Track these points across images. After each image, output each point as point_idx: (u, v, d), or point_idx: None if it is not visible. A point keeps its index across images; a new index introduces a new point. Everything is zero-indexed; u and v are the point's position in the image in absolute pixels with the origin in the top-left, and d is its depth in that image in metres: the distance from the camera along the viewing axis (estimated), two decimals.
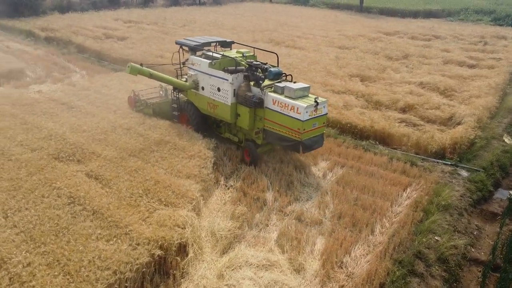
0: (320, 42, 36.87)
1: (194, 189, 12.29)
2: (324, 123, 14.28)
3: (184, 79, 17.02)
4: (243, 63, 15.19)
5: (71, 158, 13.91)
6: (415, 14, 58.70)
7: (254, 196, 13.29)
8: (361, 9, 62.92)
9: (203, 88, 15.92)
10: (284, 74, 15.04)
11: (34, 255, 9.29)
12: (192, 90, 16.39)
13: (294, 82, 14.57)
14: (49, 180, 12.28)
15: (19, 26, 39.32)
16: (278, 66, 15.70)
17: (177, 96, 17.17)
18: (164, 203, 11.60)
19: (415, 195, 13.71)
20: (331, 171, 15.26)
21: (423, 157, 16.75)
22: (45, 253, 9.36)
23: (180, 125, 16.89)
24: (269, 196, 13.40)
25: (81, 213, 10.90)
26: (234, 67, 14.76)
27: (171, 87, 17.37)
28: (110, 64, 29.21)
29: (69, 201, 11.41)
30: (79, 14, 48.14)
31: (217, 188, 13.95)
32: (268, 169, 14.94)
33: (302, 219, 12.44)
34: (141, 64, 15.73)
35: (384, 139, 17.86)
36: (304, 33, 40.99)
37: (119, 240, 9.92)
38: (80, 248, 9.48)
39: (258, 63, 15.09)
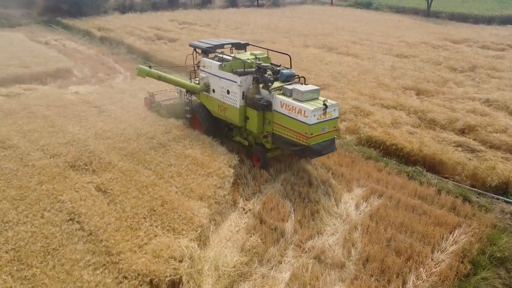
0: (377, 49, 34.34)
1: (203, 214, 11.10)
2: (335, 127, 13.55)
3: (197, 81, 16.76)
4: (254, 65, 14.57)
5: (86, 167, 13.36)
6: (489, 20, 53.49)
7: (271, 225, 11.82)
8: (428, 14, 58.57)
9: (213, 91, 15.59)
10: (296, 76, 14.42)
11: (15, 279, 8.61)
12: (204, 92, 16.05)
13: (306, 84, 13.88)
14: (56, 192, 11.75)
15: (79, 25, 40.83)
16: (291, 68, 15.09)
17: (190, 98, 16.96)
18: (167, 228, 10.53)
19: (463, 240, 11.46)
20: (365, 201, 13.37)
21: (479, 191, 14.28)
22: (27, 278, 8.64)
23: (206, 137, 15.84)
24: (289, 226, 11.87)
25: (76, 233, 10.15)
26: (242, 69, 14.34)
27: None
28: (155, 66, 28.94)
29: (69, 217, 10.75)
30: (137, 15, 49.27)
31: (234, 211, 12.66)
32: (294, 193, 13.39)
33: (322, 259, 10.76)
34: (149, 66, 15.36)
35: (434, 166, 15.54)
36: (361, 39, 38.56)
37: (106, 270, 9.00)
38: (62, 277, 8.64)
39: (266, 65, 14.42)
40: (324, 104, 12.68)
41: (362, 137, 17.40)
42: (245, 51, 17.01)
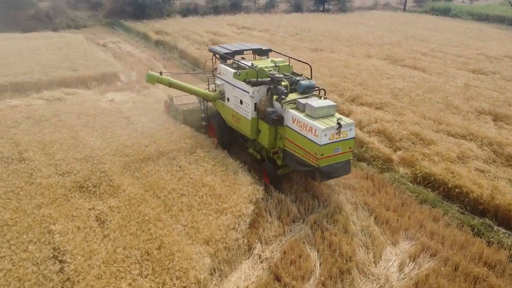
0: (450, 62, 30.38)
1: (202, 266, 9.23)
2: (350, 148, 12.21)
3: (211, 89, 16.09)
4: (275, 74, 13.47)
5: (94, 189, 12.15)
6: None
7: (288, 285, 9.67)
8: None
9: (228, 99, 14.74)
10: (316, 88, 13.29)
11: None
12: (220, 100, 15.25)
13: (324, 99, 12.75)
14: (51, 219, 10.61)
15: (139, 28, 41.16)
16: (311, 78, 14.02)
17: (206, 105, 16.20)
18: (157, 280, 8.80)
19: None
20: (413, 261, 10.69)
21: None
22: None
23: (232, 161, 14.03)
24: None
25: (53, 277, 8.77)
26: (256, 79, 13.34)
27: None
28: (204, 73, 27.80)
29: (52, 254, 9.47)
30: (198, 18, 48.96)
31: (248, 258, 10.66)
32: (323, 242, 11.10)
33: None
34: (160, 73, 14.59)
35: (509, 220, 12.36)
36: (432, 50, 34.60)
37: None
38: None
39: (280, 76, 13.23)
40: (338, 123, 11.46)
41: (418, 173, 14.52)
42: (267, 57, 15.95)
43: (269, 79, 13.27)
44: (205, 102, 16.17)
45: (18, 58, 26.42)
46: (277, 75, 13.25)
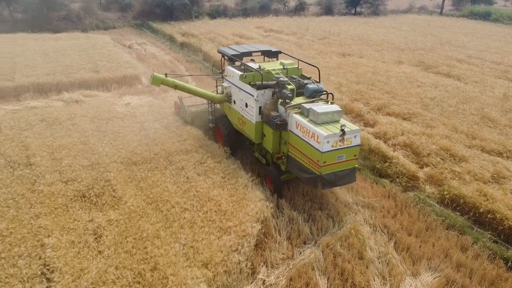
0: (488, 70, 28.44)
1: None
2: (355, 155, 11.69)
3: (217, 91, 15.78)
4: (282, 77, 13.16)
5: (95, 199, 11.66)
6: None
7: None
8: None
9: (234, 102, 14.45)
10: (324, 92, 12.88)
11: None
12: (227, 103, 14.95)
13: (331, 103, 12.27)
14: (46, 231, 10.13)
15: (166, 29, 41.06)
16: (319, 81, 13.59)
17: (213, 107, 16.00)
18: None
19: None
20: None
21: None
22: None
23: (243, 174, 13.22)
24: None
25: None
26: (261, 82, 13.01)
27: None
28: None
29: (41, 271, 8.98)
30: (226, 20, 48.54)
31: (250, 282, 9.82)
32: (335, 269, 10.10)
33: None
34: (165, 74, 14.26)
35: None
36: (469, 56, 32.63)
37: None
38: None
39: (285, 79, 12.75)
40: (342, 130, 11.01)
41: (446, 194, 13.23)
42: (277, 59, 15.59)
43: (275, 82, 12.87)
44: (213, 104, 15.96)
45: (44, 58, 26.63)
46: (281, 78, 12.82)
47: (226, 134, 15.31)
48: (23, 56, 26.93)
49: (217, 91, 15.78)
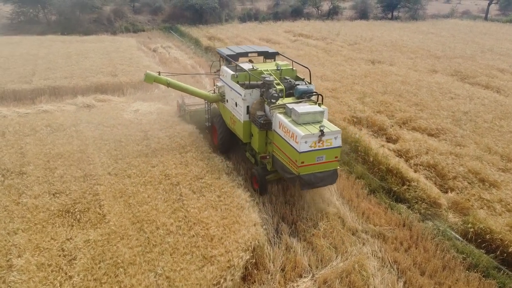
0: None
1: None
2: (336, 157, 11.62)
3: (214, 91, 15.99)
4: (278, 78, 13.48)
5: (79, 216, 10.93)
6: None
7: None
8: None
9: (227, 101, 14.69)
10: (314, 93, 12.86)
11: None
12: (221, 102, 15.24)
13: (319, 105, 12.28)
14: (18, 250, 9.46)
15: (193, 33, 40.74)
16: (310, 82, 13.62)
17: (209, 107, 16.27)
18: None
19: None
20: None
21: None
22: None
23: (241, 192, 12.16)
24: None
25: None
26: (249, 81, 13.30)
27: None
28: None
29: None
30: (255, 24, 47.73)
31: None
32: None
33: None
34: (159, 73, 14.61)
35: None
36: None
37: None
38: None
39: (271, 79, 12.74)
40: (321, 131, 10.94)
41: (470, 226, 11.57)
42: (274, 60, 15.74)
43: (260, 82, 13.01)
44: (209, 104, 16.20)
45: (66, 61, 26.73)
46: (267, 78, 12.79)
47: (220, 133, 15.37)
48: (46, 59, 27.16)
49: (214, 90, 15.86)
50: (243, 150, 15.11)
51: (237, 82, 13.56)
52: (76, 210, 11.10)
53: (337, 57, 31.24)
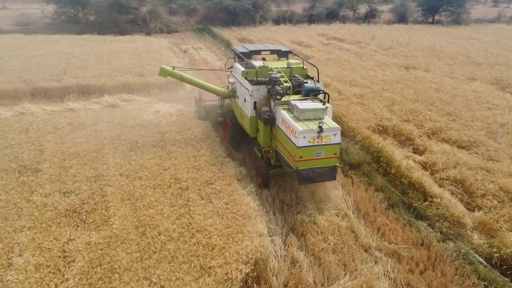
0: None
1: None
2: (335, 153, 11.86)
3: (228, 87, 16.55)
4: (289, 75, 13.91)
5: (85, 216, 10.96)
6: None
7: None
8: None
9: (238, 97, 15.12)
10: (321, 92, 13.12)
11: None
12: (233, 98, 15.73)
13: (323, 103, 12.55)
14: (20, 249, 9.53)
15: (225, 34, 40.75)
16: (318, 81, 13.96)
17: (222, 102, 16.71)
18: None
19: None
20: None
21: None
22: None
23: (251, 201, 11.77)
24: None
25: None
26: (256, 78, 13.71)
27: None
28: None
29: None
30: (288, 27, 47.21)
31: None
32: None
33: None
34: (173, 67, 15.58)
35: None
36: None
37: None
38: None
39: (277, 76, 13.30)
40: (319, 127, 11.23)
41: (496, 250, 10.59)
42: (287, 59, 16.01)
43: (267, 79, 13.38)
44: (223, 100, 16.65)
45: (97, 60, 27.34)
46: (274, 75, 13.26)
47: (231, 127, 15.72)
48: (79, 58, 27.89)
49: (228, 86, 16.40)
50: (253, 145, 15.12)
51: (246, 79, 13.97)
52: (83, 210, 11.12)
53: (369, 62, 30.21)
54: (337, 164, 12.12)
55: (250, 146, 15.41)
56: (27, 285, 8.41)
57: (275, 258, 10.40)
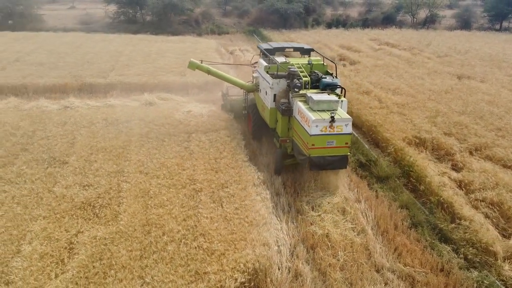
0: None
1: None
2: (347, 143, 12.51)
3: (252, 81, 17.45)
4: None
5: (98, 210, 11.25)
6: None
7: None
8: None
9: (260, 91, 16.00)
10: (338, 87, 13.85)
11: None
12: (256, 91, 16.64)
13: (339, 97, 13.28)
14: (31, 236, 9.97)
15: (274, 37, 40.64)
16: (336, 76, 14.60)
17: (247, 96, 17.53)
18: None
19: None
20: None
21: None
22: None
23: (263, 208, 11.48)
24: None
25: None
26: (277, 72, 14.60)
27: None
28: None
29: None
30: (340, 31, 46.11)
31: None
32: None
33: None
34: (201, 61, 16.94)
35: None
36: None
37: None
38: None
39: (295, 70, 14.12)
40: (331, 117, 11.97)
41: None
42: (309, 56, 16.94)
43: (292, 73, 14.06)
44: (247, 94, 17.48)
45: (144, 59, 28.36)
46: (292, 69, 14.06)
47: (253, 119, 16.57)
48: (129, 56, 29.11)
49: (253, 81, 17.29)
50: (272, 137, 15.87)
51: (268, 73, 14.85)
52: (97, 204, 11.43)
53: (419, 69, 28.63)
54: (348, 153, 12.73)
55: (274, 148, 15.44)
56: (28, 273, 8.75)
57: (278, 269, 10.05)
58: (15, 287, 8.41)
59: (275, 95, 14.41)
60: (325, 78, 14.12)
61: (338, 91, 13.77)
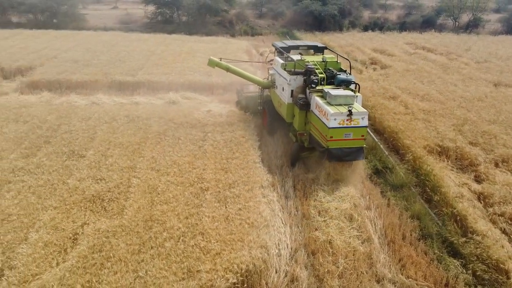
0: None
1: None
2: (363, 135, 13.17)
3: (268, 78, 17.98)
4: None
5: (106, 204, 11.58)
6: None
7: None
8: None
9: (276, 87, 16.57)
10: (352, 83, 14.38)
11: None
12: (272, 88, 17.19)
13: (354, 92, 13.87)
14: (39, 225, 10.40)
15: (306, 39, 40.13)
16: (350, 73, 15.09)
17: (262, 92, 18.09)
18: None
19: None
20: None
21: None
22: None
23: (268, 208, 11.44)
24: None
25: None
26: (294, 69, 15.01)
27: None
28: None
29: (1, 265, 9.11)
30: (375, 34, 45.07)
31: None
32: None
33: None
34: (220, 59, 17.42)
35: None
36: None
37: None
38: None
39: (311, 67, 14.58)
40: (349, 110, 12.57)
41: None
42: (323, 53, 17.26)
43: (304, 70, 14.65)
44: (262, 90, 18.07)
45: (174, 58, 28.92)
46: (310, 66, 14.53)
47: (269, 116, 17.13)
48: (160, 55, 29.78)
49: (268, 78, 17.79)
50: (288, 131, 16.33)
51: (285, 70, 15.33)
52: (106, 198, 11.79)
53: (453, 75, 27.48)
54: (364, 145, 13.36)
55: (289, 150, 15.71)
56: (31, 259, 9.16)
57: (276, 272, 9.98)
58: (16, 272, 8.82)
59: (292, 90, 14.88)
60: (340, 74, 14.63)
61: (352, 86, 14.30)
